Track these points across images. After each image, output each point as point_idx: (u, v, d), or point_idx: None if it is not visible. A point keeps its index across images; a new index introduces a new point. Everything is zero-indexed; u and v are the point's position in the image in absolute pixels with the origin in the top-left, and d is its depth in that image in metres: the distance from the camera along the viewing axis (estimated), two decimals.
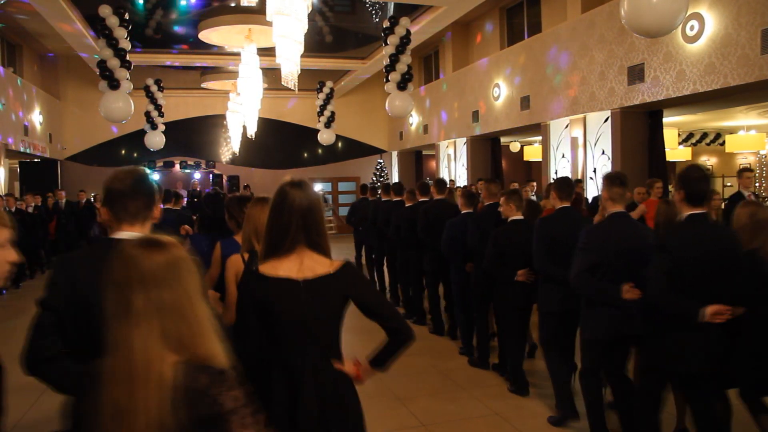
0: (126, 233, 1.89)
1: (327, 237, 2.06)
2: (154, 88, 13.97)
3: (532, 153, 15.92)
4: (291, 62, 6.18)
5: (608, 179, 3.52)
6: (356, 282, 2.02)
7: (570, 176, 10.26)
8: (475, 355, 5.56)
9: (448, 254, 5.64)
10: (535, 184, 10.90)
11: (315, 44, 12.39)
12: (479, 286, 5.20)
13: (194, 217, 7.24)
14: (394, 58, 9.89)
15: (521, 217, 4.67)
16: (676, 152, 14.41)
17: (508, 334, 4.78)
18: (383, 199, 8.22)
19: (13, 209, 9.82)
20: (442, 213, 6.05)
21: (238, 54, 10.82)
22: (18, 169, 15.83)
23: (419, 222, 6.33)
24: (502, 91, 12.28)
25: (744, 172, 7.24)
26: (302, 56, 6.38)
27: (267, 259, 1.99)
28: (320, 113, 15.46)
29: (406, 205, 7.03)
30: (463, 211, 5.67)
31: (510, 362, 4.80)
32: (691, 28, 7.70)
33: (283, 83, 6.49)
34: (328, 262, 2.01)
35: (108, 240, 1.93)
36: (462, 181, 14.03)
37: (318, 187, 18.86)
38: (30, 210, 10.84)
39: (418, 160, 18.37)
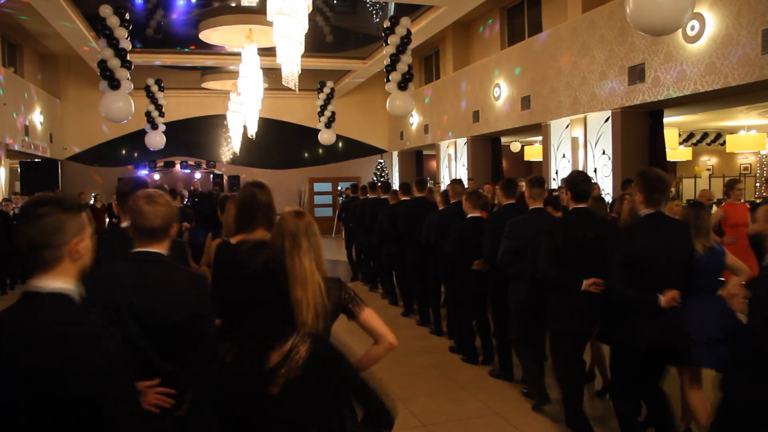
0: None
1: None
2: (154, 88, 13.97)
3: (533, 153, 15.92)
4: (291, 62, 6.18)
5: (529, 181, 4.34)
6: None
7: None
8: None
9: (428, 247, 6.30)
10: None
11: (315, 44, 12.39)
12: (441, 275, 6.00)
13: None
14: (394, 58, 9.89)
15: (479, 214, 5.28)
16: (676, 152, 14.41)
17: (466, 315, 5.55)
18: (370, 197, 8.82)
19: None
20: (421, 209, 6.71)
21: (238, 54, 10.82)
22: (18, 169, 15.84)
23: (400, 218, 7.00)
24: (502, 91, 12.28)
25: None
26: (303, 56, 6.38)
27: (236, 234, 2.82)
28: (321, 113, 15.46)
29: (391, 203, 7.73)
30: (441, 208, 6.35)
31: (466, 340, 5.61)
32: (692, 28, 7.70)
33: (283, 83, 6.49)
34: None
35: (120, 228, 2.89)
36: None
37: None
38: (16, 212, 10.60)
39: (418, 160, 18.36)
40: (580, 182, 3.74)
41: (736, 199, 6.54)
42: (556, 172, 10.86)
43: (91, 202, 14.71)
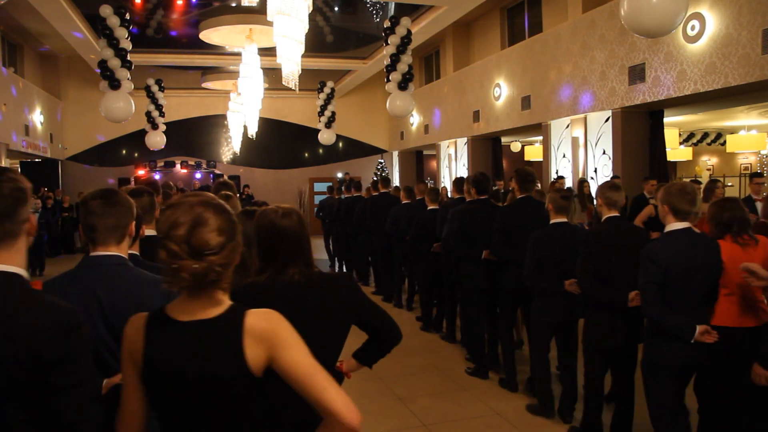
0: None
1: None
2: (155, 88, 13.96)
3: (533, 153, 15.92)
4: (292, 62, 6.18)
5: (471, 181, 5.24)
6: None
7: (571, 176, 10.30)
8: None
9: (393, 234, 7.38)
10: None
11: (316, 44, 12.39)
12: (409, 258, 7.12)
13: None
14: (395, 58, 9.88)
15: (436, 207, 6.34)
16: (677, 152, 14.41)
17: (426, 291, 6.73)
18: (345, 196, 9.89)
19: None
20: (384, 203, 7.96)
21: (239, 54, 10.83)
22: (19, 169, 15.84)
23: (367, 210, 8.20)
24: (502, 91, 12.27)
25: (754, 177, 6.81)
26: (303, 56, 6.39)
27: None
28: (321, 113, 15.45)
29: (364, 198, 9.02)
30: (403, 202, 7.51)
31: (423, 308, 6.80)
32: (692, 28, 7.70)
33: (283, 83, 6.50)
34: None
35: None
36: None
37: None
38: None
39: (419, 160, 18.34)
40: (480, 181, 5.09)
41: None
42: (557, 172, 10.86)
43: None
